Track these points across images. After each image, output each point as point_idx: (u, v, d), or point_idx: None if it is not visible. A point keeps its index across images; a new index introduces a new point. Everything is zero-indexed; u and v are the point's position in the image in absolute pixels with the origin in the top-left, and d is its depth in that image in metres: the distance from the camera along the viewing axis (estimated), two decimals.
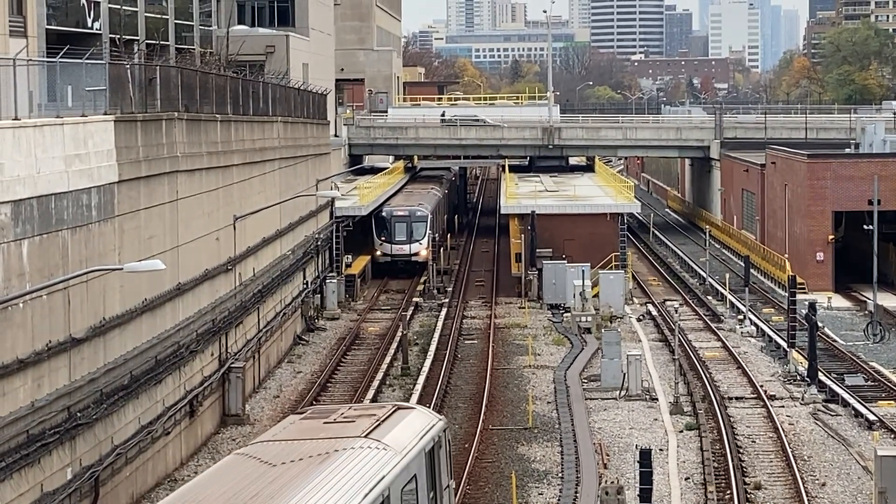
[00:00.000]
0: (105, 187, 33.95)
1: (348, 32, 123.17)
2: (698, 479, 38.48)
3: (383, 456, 22.72)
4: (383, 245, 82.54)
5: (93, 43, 48.93)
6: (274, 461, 22.25)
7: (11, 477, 28.31)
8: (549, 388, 50.76)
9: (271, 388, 52.01)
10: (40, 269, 29.90)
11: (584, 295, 64.33)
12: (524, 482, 38.18)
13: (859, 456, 40.69)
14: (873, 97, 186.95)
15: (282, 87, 62.29)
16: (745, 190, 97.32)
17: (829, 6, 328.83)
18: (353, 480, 21.40)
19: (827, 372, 51.84)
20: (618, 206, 77.39)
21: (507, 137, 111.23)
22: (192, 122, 43.04)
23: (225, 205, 47.22)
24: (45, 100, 33.77)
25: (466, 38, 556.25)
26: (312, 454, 22.38)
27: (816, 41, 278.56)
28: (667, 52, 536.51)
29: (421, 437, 24.48)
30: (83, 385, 32.29)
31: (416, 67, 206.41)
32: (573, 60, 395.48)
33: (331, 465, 21.86)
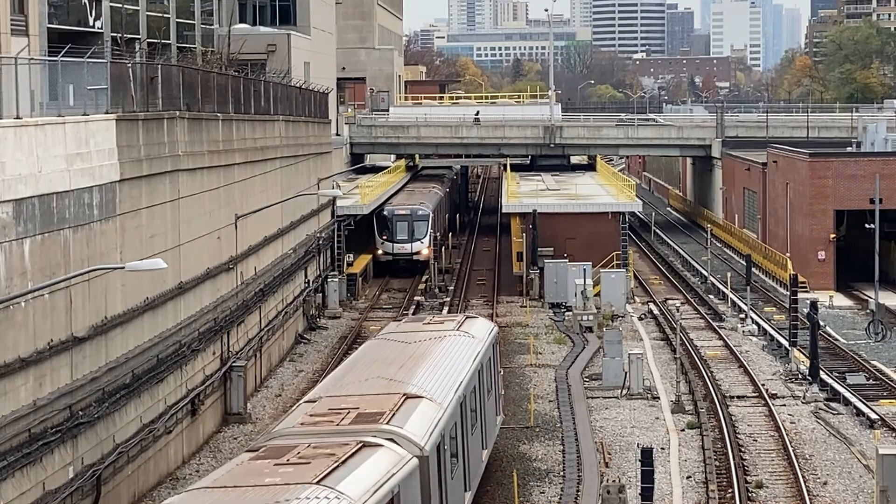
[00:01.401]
0: (107, 186, 33.97)
1: (350, 31, 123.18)
2: (700, 477, 38.50)
3: (470, 342, 36.11)
4: (385, 244, 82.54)
5: (94, 42, 48.97)
6: (407, 340, 35.51)
7: (13, 475, 28.33)
8: (550, 387, 50.77)
9: (273, 386, 52.03)
10: (42, 268, 29.91)
11: (586, 294, 64.34)
12: (526, 481, 38.19)
13: (861, 455, 40.70)
14: (875, 96, 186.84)
15: (283, 86, 62.30)
16: (747, 189, 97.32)
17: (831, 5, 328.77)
18: (461, 352, 34.56)
19: (828, 371, 51.85)
20: (619, 204, 77.38)
21: (508, 136, 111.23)
22: (194, 121, 43.05)
23: (226, 204, 47.24)
24: (46, 99, 33.79)
25: (468, 37, 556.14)
26: (429, 338, 35.77)
27: (818, 40, 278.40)
28: (668, 51, 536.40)
29: (490, 332, 38.81)
30: (85, 384, 32.31)
31: (417, 66, 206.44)
32: (575, 59, 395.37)
33: (444, 344, 35.07)
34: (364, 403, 27.40)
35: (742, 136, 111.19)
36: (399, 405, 27.29)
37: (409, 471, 23.99)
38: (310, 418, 26.78)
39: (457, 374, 31.99)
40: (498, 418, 39.12)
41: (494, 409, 38.05)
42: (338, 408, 27.23)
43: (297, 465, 22.64)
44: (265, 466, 22.85)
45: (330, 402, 28.14)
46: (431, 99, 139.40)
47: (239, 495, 21.00)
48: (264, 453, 24.05)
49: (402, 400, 27.82)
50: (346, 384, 30.29)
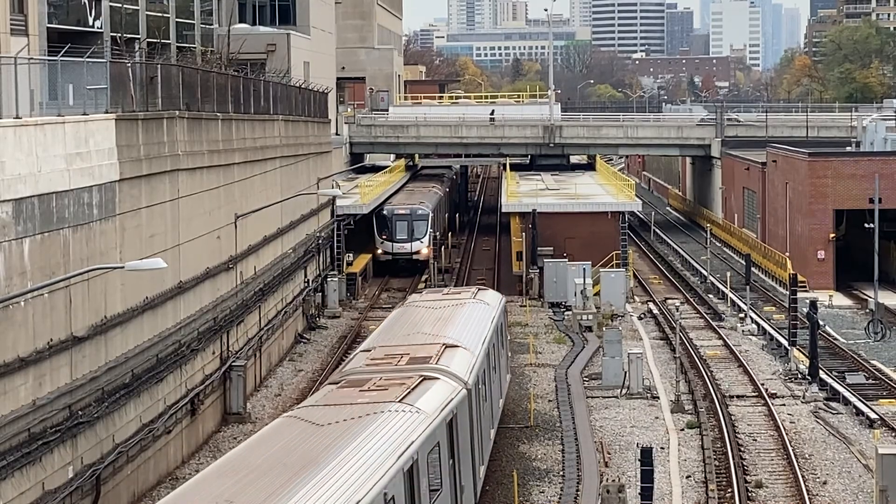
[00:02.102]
0: (106, 186, 33.97)
1: (349, 31, 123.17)
2: (699, 477, 38.50)
3: (486, 308, 41.83)
4: (384, 243, 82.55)
5: (94, 41, 48.97)
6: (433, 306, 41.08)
7: (13, 475, 28.33)
8: (550, 387, 50.77)
9: (273, 386, 52.04)
10: (42, 268, 29.91)
11: (586, 293, 64.35)
12: (525, 480, 38.20)
13: (860, 454, 40.70)
14: (874, 95, 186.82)
15: (283, 86, 62.31)
16: (746, 188, 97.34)
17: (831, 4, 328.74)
18: (480, 315, 40.16)
19: (828, 370, 51.86)
20: (619, 204, 77.40)
21: (508, 136, 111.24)
22: (194, 121, 43.05)
23: (226, 203, 47.24)
24: (46, 98, 33.79)
25: (467, 37, 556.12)
26: (451, 304, 41.21)
27: (817, 39, 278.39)
28: (668, 51, 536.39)
29: (500, 301, 44.68)
30: (84, 383, 32.30)
31: (417, 66, 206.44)
32: (574, 59, 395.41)
33: (465, 309, 40.60)
34: (412, 350, 33.26)
35: (741, 135, 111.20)
36: (442, 352, 33.03)
37: (461, 398, 30.20)
38: (372, 360, 32.61)
39: (481, 331, 37.80)
40: (507, 375, 44.82)
41: (506, 365, 44.34)
42: (392, 353, 33.04)
43: (378, 391, 28.49)
44: (352, 392, 28.69)
45: (383, 349, 33.91)
46: (431, 98, 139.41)
47: (344, 408, 26.86)
48: (346, 384, 29.86)
49: (443, 348, 33.53)
50: (392, 338, 36.11)
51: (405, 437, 25.11)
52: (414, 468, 24.82)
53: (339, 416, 26.21)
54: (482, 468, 33.44)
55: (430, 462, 26.40)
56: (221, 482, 21.76)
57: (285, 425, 26.01)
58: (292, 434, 25.00)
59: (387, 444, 24.31)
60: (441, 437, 27.49)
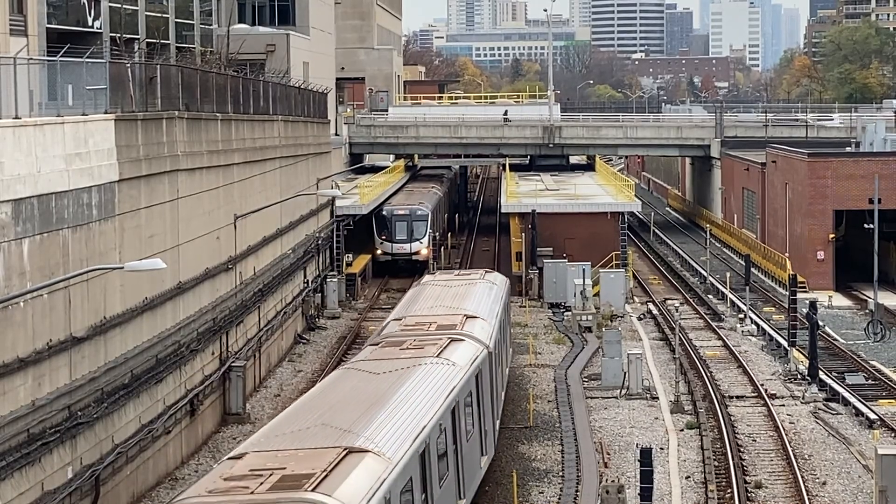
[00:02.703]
0: (105, 186, 33.96)
1: (349, 31, 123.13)
2: (699, 477, 38.49)
3: (494, 286, 46.70)
4: (384, 244, 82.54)
5: (93, 42, 48.94)
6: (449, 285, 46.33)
7: (12, 476, 28.32)
8: (549, 387, 50.77)
9: (272, 386, 52.03)
10: (41, 268, 29.90)
11: (585, 294, 64.33)
12: (525, 481, 38.19)
13: (860, 455, 40.70)
14: (874, 96, 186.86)
15: (282, 86, 62.29)
16: (746, 189, 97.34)
17: (830, 5, 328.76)
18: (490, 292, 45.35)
19: (827, 371, 51.85)
20: (618, 204, 77.39)
21: (507, 136, 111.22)
22: (193, 121, 43.04)
23: (225, 203, 47.23)
24: (45, 99, 33.77)
25: (467, 37, 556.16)
26: (464, 283, 46.58)
27: (817, 40, 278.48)
28: (667, 51, 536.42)
29: (505, 282, 49.85)
30: (84, 384, 32.29)
31: (416, 66, 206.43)
32: (574, 59, 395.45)
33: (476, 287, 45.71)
34: (438, 319, 38.84)
35: (741, 136, 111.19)
36: (464, 321, 38.37)
37: (484, 357, 35.45)
38: (405, 327, 38.15)
39: (493, 306, 43.13)
40: (510, 349, 49.16)
41: (510, 339, 49.05)
42: (421, 321, 38.74)
43: (416, 349, 33.91)
44: (394, 350, 33.97)
45: (413, 318, 39.57)
46: (430, 99, 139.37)
47: (391, 361, 31.94)
48: (386, 344, 35.30)
49: (465, 318, 38.87)
50: (418, 309, 41.66)
51: (447, 383, 30.63)
52: (456, 408, 30.41)
53: (389, 367, 31.35)
54: (497, 422, 38.42)
55: (466, 405, 31.97)
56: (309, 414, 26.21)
57: (345, 375, 31.27)
58: (354, 380, 30.16)
59: (434, 387, 29.90)
60: (472, 387, 33.07)
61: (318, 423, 25.28)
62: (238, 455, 23.65)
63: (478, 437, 33.51)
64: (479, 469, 33.26)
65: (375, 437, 24.43)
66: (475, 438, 33.00)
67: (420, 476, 25.55)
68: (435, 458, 27.16)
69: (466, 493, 30.67)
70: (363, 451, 23.35)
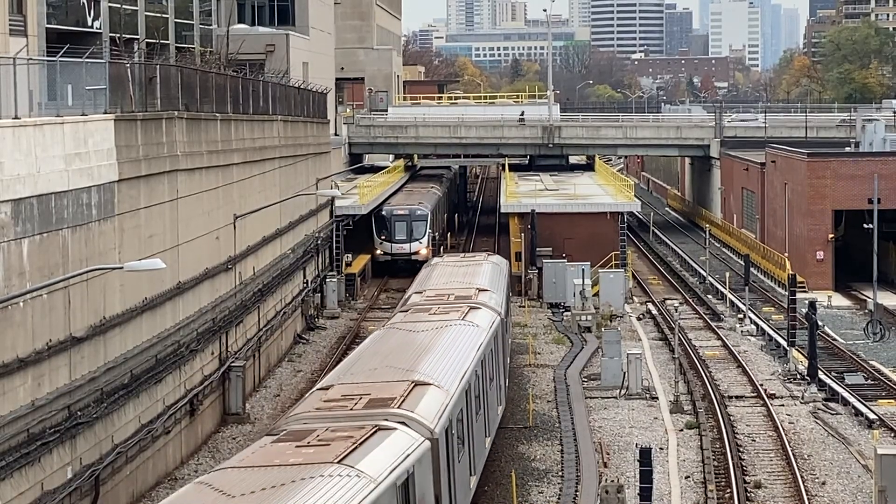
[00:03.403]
0: (105, 186, 33.97)
1: (348, 31, 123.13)
2: (698, 477, 38.50)
3: (498, 266, 52.74)
4: (383, 244, 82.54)
5: (93, 42, 48.95)
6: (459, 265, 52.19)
7: (12, 476, 28.33)
8: (549, 387, 50.77)
9: (271, 386, 52.03)
10: (40, 268, 29.91)
11: (584, 294, 64.34)
12: (524, 481, 38.19)
13: (859, 455, 40.70)
14: (873, 96, 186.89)
15: (282, 86, 62.30)
16: (745, 189, 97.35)
17: (830, 5, 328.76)
18: (495, 270, 50.75)
19: (827, 371, 51.87)
20: (618, 204, 77.39)
21: (506, 136, 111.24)
22: (192, 121, 43.05)
23: (225, 204, 47.24)
24: (45, 99, 33.78)
25: (466, 37, 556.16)
26: (472, 263, 52.54)
27: (816, 40, 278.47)
28: (667, 51, 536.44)
29: (506, 263, 56.36)
30: (83, 384, 32.30)
31: (416, 66, 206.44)
32: (573, 59, 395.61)
33: (483, 266, 51.09)
34: (456, 292, 44.48)
35: (740, 136, 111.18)
36: (477, 294, 44.08)
37: (498, 323, 41.51)
38: (427, 297, 44.07)
39: (499, 280, 49.38)
40: (510, 317, 53.40)
41: (510, 313, 53.78)
42: (442, 293, 44.51)
43: (442, 314, 39.87)
44: (423, 315, 40.13)
45: (432, 291, 45.48)
46: (430, 99, 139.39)
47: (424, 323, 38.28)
48: (414, 310, 41.29)
49: (478, 291, 44.62)
50: (434, 284, 47.32)
51: (475, 340, 36.66)
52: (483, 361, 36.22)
53: (424, 327, 37.46)
54: (507, 380, 45.19)
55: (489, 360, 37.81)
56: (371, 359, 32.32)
57: (388, 332, 37.36)
58: (399, 336, 36.48)
59: (465, 343, 35.94)
60: (491, 346, 38.97)
61: (383, 365, 31.14)
62: (326, 386, 29.21)
63: (496, 388, 39.70)
64: (498, 415, 39.19)
65: (433, 373, 30.40)
66: (495, 388, 39.31)
67: (466, 407, 31.35)
68: (473, 396, 33.17)
69: (490, 431, 36.50)
70: (426, 383, 29.17)
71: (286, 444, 23.87)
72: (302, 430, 25.21)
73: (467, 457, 31.17)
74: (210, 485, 21.33)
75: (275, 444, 24.08)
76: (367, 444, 23.77)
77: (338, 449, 23.24)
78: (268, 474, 21.75)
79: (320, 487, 21.27)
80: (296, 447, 23.48)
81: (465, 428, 31.17)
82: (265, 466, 22.31)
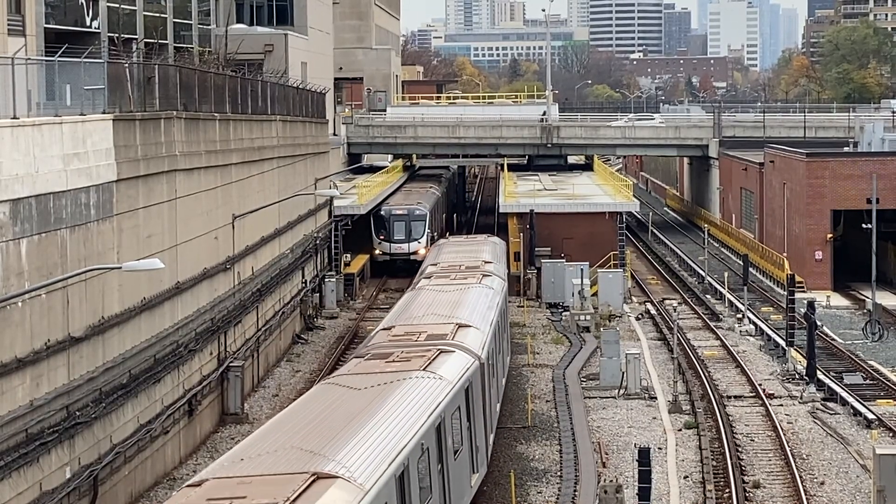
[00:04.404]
0: (103, 186, 33.96)
1: (347, 31, 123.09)
2: (697, 477, 38.51)
3: (499, 245, 61.35)
4: (382, 244, 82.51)
5: (91, 42, 48.94)
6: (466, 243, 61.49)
7: (10, 476, 28.32)
8: (547, 387, 50.77)
9: (270, 386, 52.02)
10: (39, 268, 29.90)
11: (583, 294, 64.34)
12: (523, 481, 38.19)
13: (858, 454, 40.71)
14: (872, 96, 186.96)
15: (280, 86, 62.28)
16: (744, 189, 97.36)
17: (828, 5, 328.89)
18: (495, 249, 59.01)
19: (826, 370, 51.87)
20: (616, 204, 77.38)
21: (505, 136, 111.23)
22: (191, 121, 43.04)
23: (224, 204, 47.23)
24: (43, 99, 33.75)
25: (465, 37, 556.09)
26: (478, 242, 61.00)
27: (815, 40, 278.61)
28: (665, 51, 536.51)
29: (503, 242, 63.93)
30: (82, 384, 32.29)
31: (414, 66, 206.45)
32: (572, 59, 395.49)
33: (486, 245, 59.41)
34: (465, 264, 51.65)
35: (739, 136, 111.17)
36: (484, 265, 50.89)
37: (505, 288, 49.23)
38: (442, 268, 51.13)
39: (500, 256, 57.32)
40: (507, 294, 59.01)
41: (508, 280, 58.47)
42: (454, 266, 51.39)
43: (462, 278, 47.36)
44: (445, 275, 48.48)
45: (445, 264, 52.27)
46: (429, 99, 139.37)
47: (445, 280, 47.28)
48: (432, 274, 49.43)
49: (484, 263, 51.64)
50: (447, 259, 54.28)
51: (493, 297, 44.41)
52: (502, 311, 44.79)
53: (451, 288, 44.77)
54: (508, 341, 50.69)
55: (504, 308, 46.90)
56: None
57: (420, 292, 44.57)
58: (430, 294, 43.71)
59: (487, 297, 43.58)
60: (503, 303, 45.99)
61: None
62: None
63: (507, 339, 46.76)
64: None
65: (470, 318, 33.59)
66: (506, 339, 45.86)
67: (494, 346, 32.54)
68: (497, 339, 36.16)
69: (505, 372, 37.89)
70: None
71: (376, 361, 32.08)
72: (384, 353, 33.60)
73: (495, 383, 39.15)
74: (336, 384, 29.15)
75: (367, 360, 32.23)
76: (438, 361, 31.94)
77: (419, 362, 31.64)
78: (376, 377, 29.56)
79: (418, 384, 29.45)
80: (385, 363, 31.59)
81: (493, 360, 38.46)
82: (370, 374, 30.13)
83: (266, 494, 20.72)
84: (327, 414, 26.26)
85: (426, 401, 28.25)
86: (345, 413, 26.21)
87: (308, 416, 26.09)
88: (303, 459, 22.73)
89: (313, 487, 21.21)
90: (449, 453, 28.96)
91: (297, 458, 22.84)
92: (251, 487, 21.29)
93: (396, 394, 28.02)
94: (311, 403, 27.60)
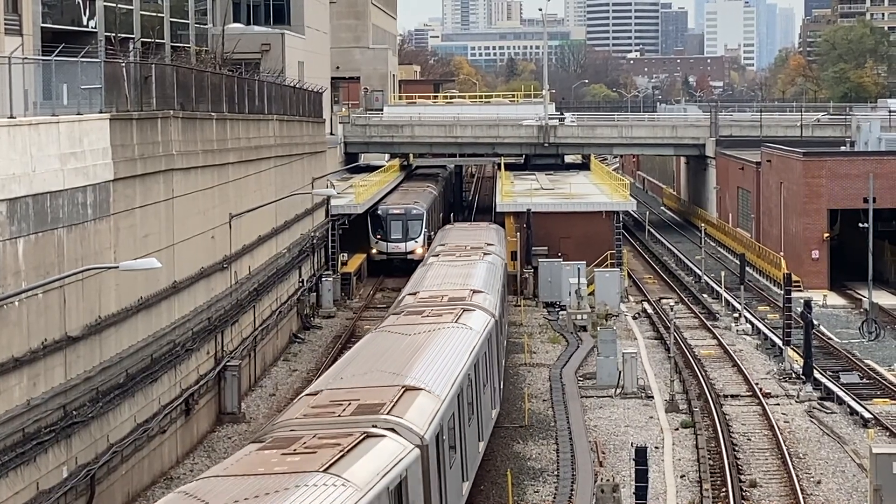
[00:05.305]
0: (100, 185, 33.96)
1: (344, 30, 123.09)
2: (694, 476, 38.53)
3: (500, 231, 69.49)
4: (379, 243, 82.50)
5: (88, 41, 48.96)
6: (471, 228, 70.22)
7: (7, 475, 28.32)
8: (544, 386, 50.79)
9: (267, 386, 52.02)
10: (36, 268, 29.90)
11: (580, 293, 64.34)
12: (520, 480, 38.21)
13: (854, 454, 40.74)
14: (868, 95, 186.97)
15: (277, 86, 62.27)
16: (741, 188, 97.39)
17: (825, 4, 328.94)
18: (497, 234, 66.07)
19: (822, 370, 51.90)
20: (613, 203, 77.41)
21: (502, 135, 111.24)
22: (188, 121, 43.03)
23: (220, 203, 47.22)
24: (40, 98, 33.76)
25: (462, 37, 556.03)
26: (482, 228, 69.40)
27: (812, 39, 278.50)
28: (662, 51, 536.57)
29: (502, 229, 71.60)
30: (79, 383, 32.29)
31: (411, 65, 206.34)
32: (569, 58, 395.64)
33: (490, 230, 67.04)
34: (470, 245, 56.93)
35: (736, 135, 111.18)
36: (486, 247, 56.13)
37: (505, 268, 56.09)
38: (448, 247, 56.87)
39: (501, 240, 63.57)
40: None
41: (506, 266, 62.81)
42: (461, 246, 56.78)
43: (466, 253, 53.74)
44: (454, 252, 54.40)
45: (453, 244, 58.10)
46: (426, 98, 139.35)
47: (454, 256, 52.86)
48: (441, 251, 55.31)
49: (487, 244, 56.98)
50: (454, 241, 59.83)
51: (496, 271, 50.36)
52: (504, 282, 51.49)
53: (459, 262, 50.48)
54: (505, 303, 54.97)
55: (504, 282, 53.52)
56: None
57: (432, 265, 50.51)
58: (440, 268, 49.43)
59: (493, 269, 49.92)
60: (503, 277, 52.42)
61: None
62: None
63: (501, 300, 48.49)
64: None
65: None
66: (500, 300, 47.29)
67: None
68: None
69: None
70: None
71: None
72: (418, 310, 36.60)
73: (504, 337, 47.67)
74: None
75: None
76: (465, 316, 33.95)
77: (450, 317, 33.83)
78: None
79: (455, 332, 32.25)
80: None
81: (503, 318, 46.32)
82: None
83: (375, 397, 27.08)
84: (392, 350, 32.59)
85: (465, 344, 34.53)
86: (405, 349, 32.55)
87: (377, 352, 32.53)
88: (390, 377, 29.18)
89: (406, 395, 27.49)
90: (481, 386, 35.65)
91: (385, 377, 29.22)
92: (360, 393, 27.50)
93: (440, 338, 34.30)
94: (372, 345, 34.09)
